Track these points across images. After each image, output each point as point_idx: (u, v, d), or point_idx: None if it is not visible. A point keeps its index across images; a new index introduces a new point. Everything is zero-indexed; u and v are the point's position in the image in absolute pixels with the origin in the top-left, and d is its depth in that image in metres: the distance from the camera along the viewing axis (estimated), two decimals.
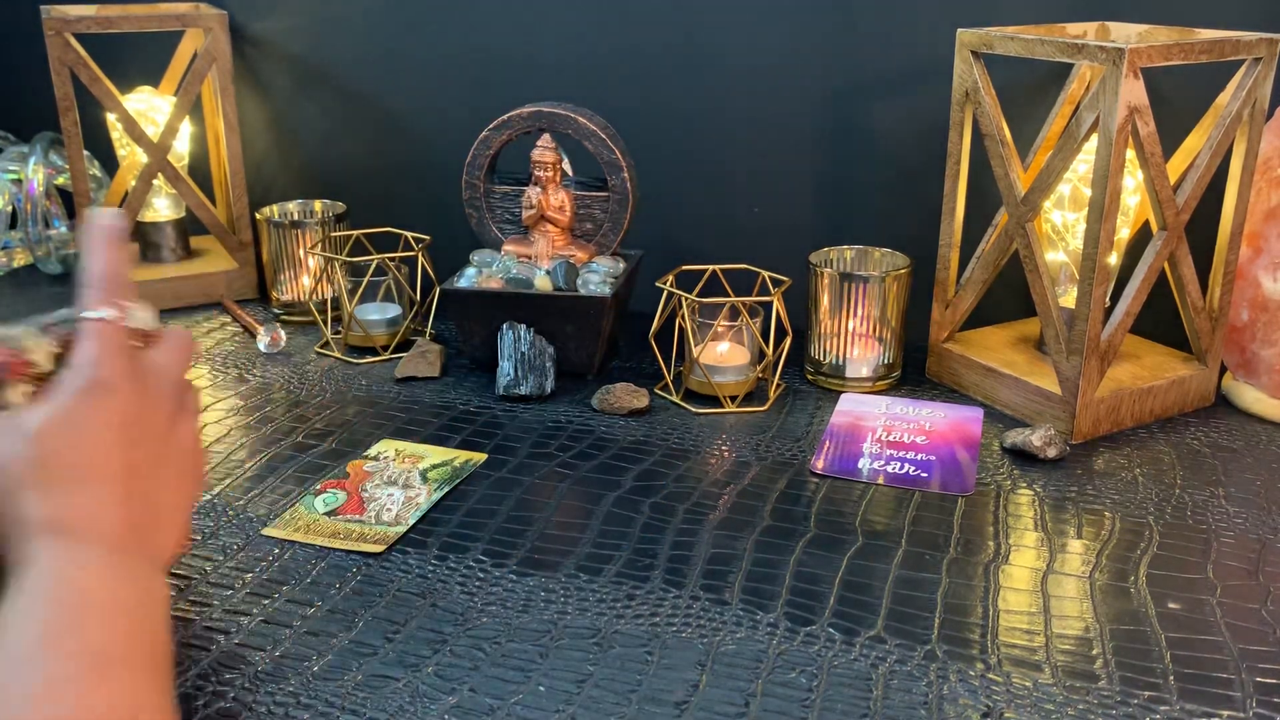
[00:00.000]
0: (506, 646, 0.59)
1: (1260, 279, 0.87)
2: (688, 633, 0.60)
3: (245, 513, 0.73)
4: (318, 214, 1.12)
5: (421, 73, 1.16)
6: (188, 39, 1.15)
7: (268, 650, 0.59)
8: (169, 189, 1.17)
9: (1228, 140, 0.82)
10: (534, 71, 1.11)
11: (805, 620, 0.61)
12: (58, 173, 1.22)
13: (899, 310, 0.91)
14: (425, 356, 0.96)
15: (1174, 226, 0.82)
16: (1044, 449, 0.79)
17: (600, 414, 0.88)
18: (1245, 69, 0.81)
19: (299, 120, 1.23)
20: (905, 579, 0.65)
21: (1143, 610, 0.62)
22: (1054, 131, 0.93)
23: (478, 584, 0.65)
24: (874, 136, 1.03)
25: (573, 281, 0.93)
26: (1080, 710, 0.54)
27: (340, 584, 0.65)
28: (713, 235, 1.10)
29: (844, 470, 0.79)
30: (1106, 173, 0.76)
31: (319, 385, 0.94)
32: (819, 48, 1.02)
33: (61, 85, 1.06)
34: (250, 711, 0.54)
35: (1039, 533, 0.71)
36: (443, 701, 0.55)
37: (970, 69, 0.85)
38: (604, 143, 0.93)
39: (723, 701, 0.55)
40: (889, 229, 1.03)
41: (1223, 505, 0.74)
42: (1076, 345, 0.81)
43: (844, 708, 0.54)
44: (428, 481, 0.77)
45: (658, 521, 0.72)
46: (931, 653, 0.59)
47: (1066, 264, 0.91)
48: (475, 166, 0.96)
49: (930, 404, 0.89)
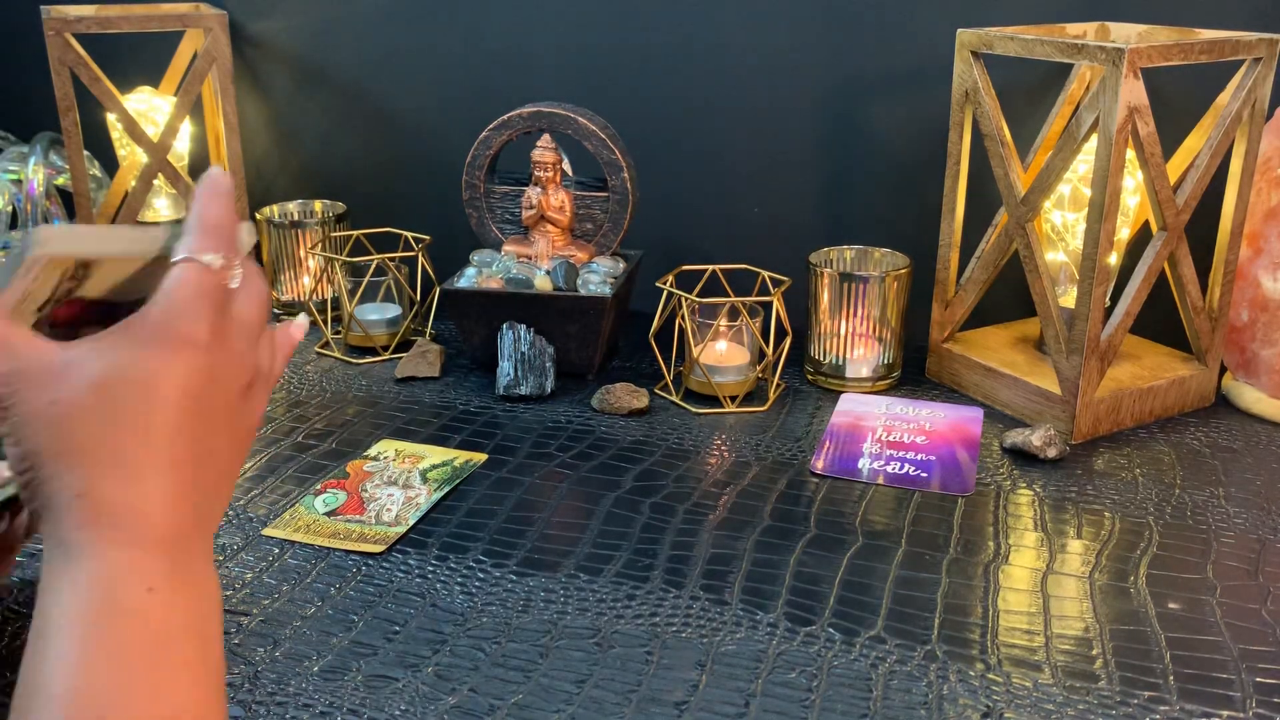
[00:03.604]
0: (506, 646, 0.59)
1: (1260, 279, 0.87)
2: (688, 633, 0.60)
3: (245, 513, 0.73)
4: (318, 214, 1.12)
5: (421, 73, 1.16)
6: (188, 39, 1.15)
7: (268, 650, 0.59)
8: (169, 189, 1.17)
9: (1228, 140, 0.82)
10: (534, 71, 1.11)
11: (805, 620, 0.61)
12: (58, 173, 1.21)
13: (899, 310, 0.91)
14: (425, 356, 0.96)
15: (1174, 226, 0.82)
16: (1044, 449, 0.79)
17: (600, 414, 0.88)
18: (1245, 69, 0.81)
19: (299, 120, 1.23)
20: (905, 579, 0.65)
21: (1143, 610, 0.62)
22: (1054, 131, 0.93)
23: (478, 584, 0.65)
24: (874, 136, 1.03)
25: (573, 281, 0.93)
26: (1080, 710, 0.54)
27: (340, 584, 0.65)
28: (713, 235, 1.10)
29: (844, 470, 0.79)
30: (1106, 173, 0.76)
31: (319, 385, 0.94)
32: (819, 48, 1.02)
33: (61, 85, 1.06)
34: (250, 712, 0.54)
35: (1039, 533, 0.71)
36: (443, 701, 0.55)
37: (970, 69, 0.85)
38: (604, 143, 0.93)
39: (723, 702, 0.55)
40: (889, 229, 1.03)
41: (1223, 505, 0.74)
42: (1076, 345, 0.81)
43: (844, 708, 0.54)
44: (428, 482, 0.77)
45: (658, 522, 0.72)
46: (931, 653, 0.59)
47: (1066, 264, 0.91)
48: (475, 166, 0.96)
49: (930, 404, 0.89)
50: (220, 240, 0.45)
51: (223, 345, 0.45)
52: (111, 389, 0.42)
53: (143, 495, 0.42)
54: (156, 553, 0.42)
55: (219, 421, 0.45)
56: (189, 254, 0.44)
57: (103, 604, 0.40)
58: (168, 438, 0.43)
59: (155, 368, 0.42)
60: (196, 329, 0.43)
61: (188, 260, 0.44)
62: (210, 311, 0.44)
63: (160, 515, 0.42)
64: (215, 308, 0.44)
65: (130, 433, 0.42)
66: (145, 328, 0.43)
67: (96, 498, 0.41)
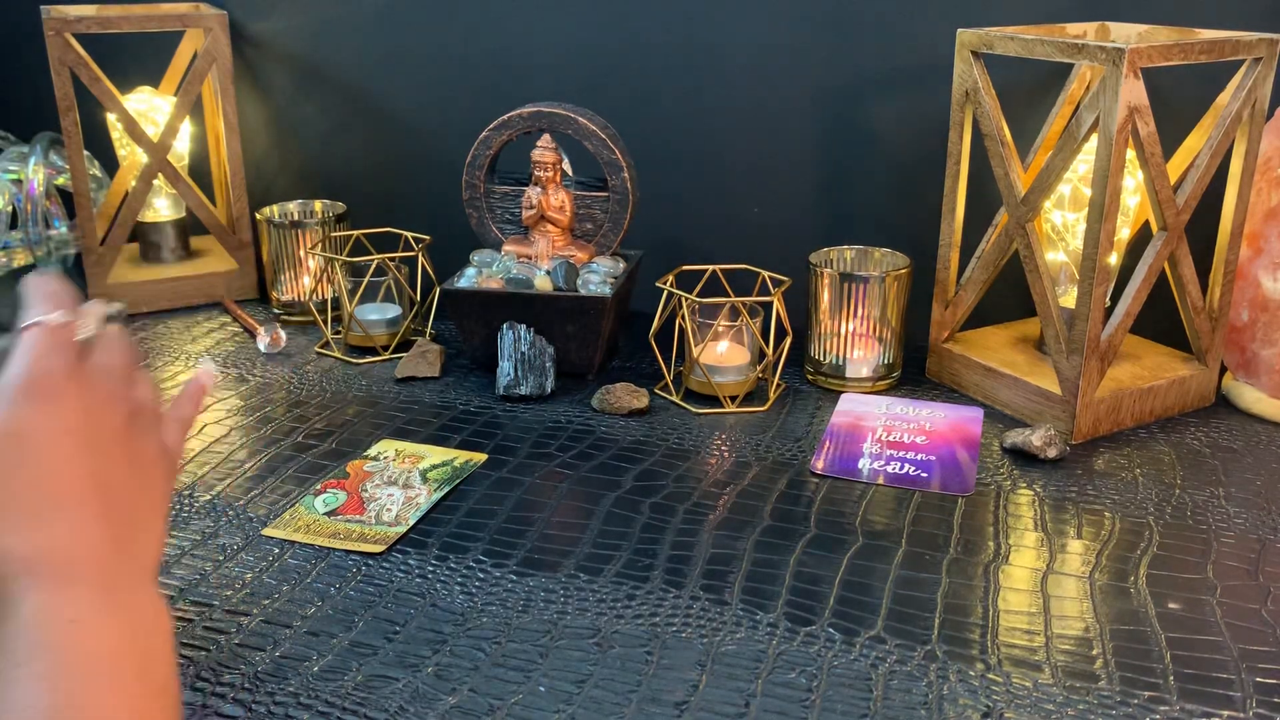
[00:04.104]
0: (506, 646, 0.59)
1: (1260, 279, 0.87)
2: (688, 633, 0.60)
3: (245, 513, 0.73)
4: (318, 214, 1.12)
5: (421, 73, 1.16)
6: (188, 39, 1.15)
7: (268, 650, 0.59)
8: (169, 189, 1.17)
9: (1228, 140, 0.82)
10: (534, 71, 1.11)
11: (805, 620, 0.61)
12: (58, 173, 1.21)
13: (899, 310, 0.91)
14: (425, 356, 0.96)
15: (1174, 226, 0.82)
16: (1044, 449, 0.79)
17: (600, 414, 0.88)
18: (1245, 69, 0.81)
19: (299, 120, 1.23)
20: (905, 579, 0.65)
21: (1143, 610, 0.62)
22: (1054, 131, 0.93)
23: (478, 584, 0.65)
24: (874, 136, 1.03)
25: (573, 281, 0.93)
26: (1080, 710, 0.54)
27: (340, 584, 0.65)
28: (713, 235, 1.10)
29: (844, 470, 0.79)
30: (1106, 173, 0.76)
31: (319, 385, 0.94)
32: (819, 47, 1.02)
33: (61, 85, 1.06)
34: (250, 711, 0.54)
35: (1039, 533, 0.71)
36: (443, 701, 0.55)
37: (970, 69, 0.85)
38: (604, 143, 0.93)
39: (723, 702, 0.55)
40: (889, 229, 1.03)
41: (1223, 505, 0.74)
42: (1076, 345, 0.81)
43: (844, 708, 0.54)
44: (428, 481, 0.77)
45: (658, 522, 0.72)
46: (931, 653, 0.59)
47: (1066, 264, 0.91)
48: (475, 166, 0.96)
49: (930, 404, 0.89)
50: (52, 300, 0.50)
51: (86, 386, 0.48)
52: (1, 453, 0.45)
53: (51, 535, 0.44)
54: (77, 585, 0.44)
55: (111, 452, 0.48)
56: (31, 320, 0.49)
57: (34, 644, 0.42)
58: (58, 476, 0.45)
59: (24, 416, 0.46)
60: (51, 375, 0.47)
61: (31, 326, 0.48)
62: (60, 359, 0.48)
63: (72, 550, 0.44)
64: (64, 355, 0.48)
65: (23, 482, 0.45)
66: (8, 389, 0.46)
67: (11, 551, 0.43)
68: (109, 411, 0.49)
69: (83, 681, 0.41)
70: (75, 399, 0.47)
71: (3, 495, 0.44)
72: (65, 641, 0.42)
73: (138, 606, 0.46)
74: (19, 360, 0.47)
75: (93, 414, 0.48)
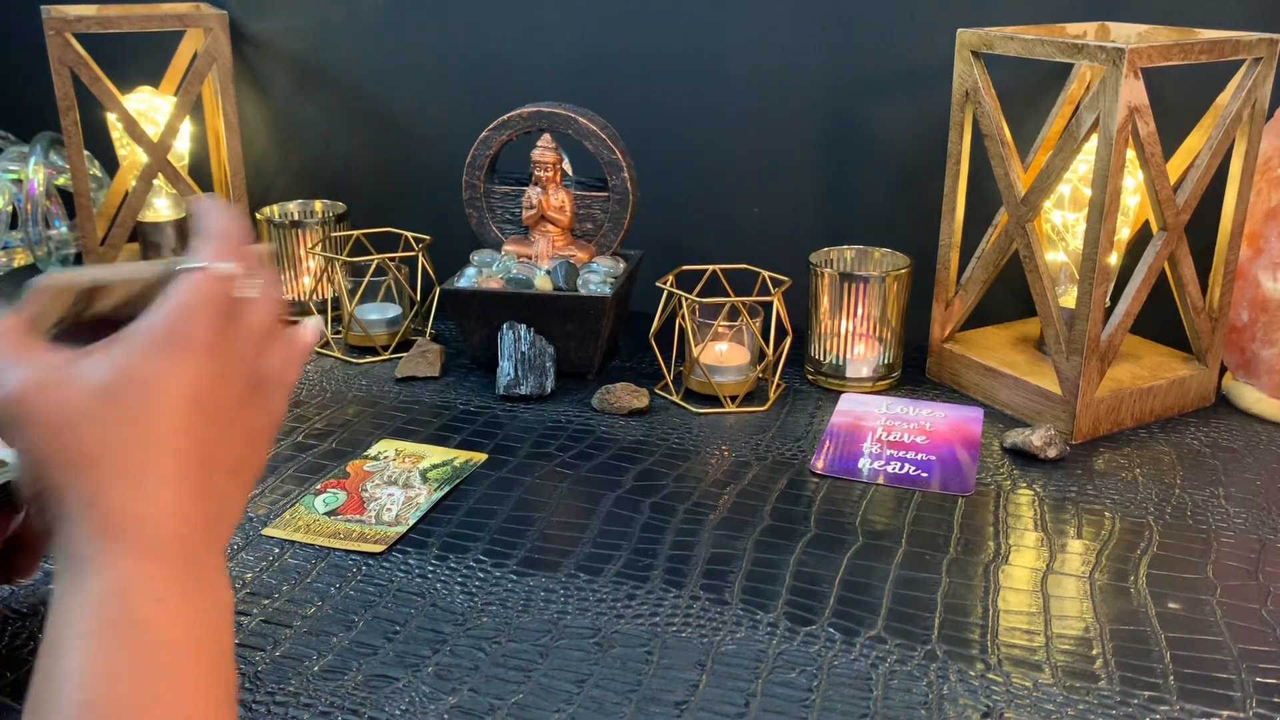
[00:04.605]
0: (506, 646, 0.59)
1: (1260, 279, 0.87)
2: (688, 633, 0.60)
3: (245, 512, 0.73)
4: (318, 214, 1.12)
5: (421, 73, 1.16)
6: (188, 39, 1.15)
7: (268, 650, 0.59)
8: (169, 189, 1.17)
9: (1228, 140, 0.82)
10: (534, 71, 1.11)
11: (805, 620, 0.61)
12: (58, 173, 1.21)
13: (899, 310, 0.91)
14: (425, 356, 0.96)
15: (1174, 226, 0.82)
16: (1044, 449, 0.79)
17: (600, 414, 0.88)
18: (1245, 69, 0.81)
19: (299, 120, 1.23)
20: (905, 579, 0.65)
21: (1143, 610, 0.62)
22: (1054, 131, 0.93)
23: (478, 584, 0.65)
24: (874, 136, 1.03)
25: (573, 281, 0.93)
26: (1080, 710, 0.54)
27: (340, 584, 0.65)
28: (713, 235, 1.10)
29: (844, 470, 0.79)
30: (1106, 173, 0.76)
31: (319, 385, 0.94)
32: (819, 48, 1.02)
33: (61, 85, 1.06)
34: (250, 711, 0.54)
35: (1039, 533, 0.71)
36: (443, 701, 0.55)
37: (970, 69, 0.85)
38: (604, 143, 0.93)
39: (723, 701, 0.55)
40: (889, 229, 1.03)
41: (1223, 505, 0.74)
42: (1076, 345, 0.81)
43: (844, 708, 0.54)
44: (428, 481, 0.77)
45: (658, 521, 0.72)
46: (931, 653, 0.59)
47: (1066, 264, 0.91)
48: (475, 166, 0.96)
49: (930, 404, 0.89)
50: (229, 250, 0.45)
51: (226, 350, 0.44)
52: (116, 394, 0.41)
53: (150, 503, 0.41)
54: (165, 562, 0.41)
55: (226, 427, 0.44)
56: (198, 263, 0.44)
57: (113, 616, 0.40)
58: (173, 444, 0.42)
59: (157, 371, 0.42)
60: (198, 333, 0.43)
61: (194, 269, 0.44)
62: (213, 316, 0.44)
63: (168, 523, 0.42)
64: (219, 313, 0.44)
65: (135, 439, 0.41)
66: (147, 333, 0.43)
67: (105, 508, 0.41)
68: (238, 381, 0.45)
69: (163, 668, 0.39)
70: (210, 363, 0.43)
71: (110, 446, 0.41)
72: (150, 621, 0.40)
73: (215, 592, 0.44)
74: (169, 304, 0.43)
75: (221, 383, 0.44)
